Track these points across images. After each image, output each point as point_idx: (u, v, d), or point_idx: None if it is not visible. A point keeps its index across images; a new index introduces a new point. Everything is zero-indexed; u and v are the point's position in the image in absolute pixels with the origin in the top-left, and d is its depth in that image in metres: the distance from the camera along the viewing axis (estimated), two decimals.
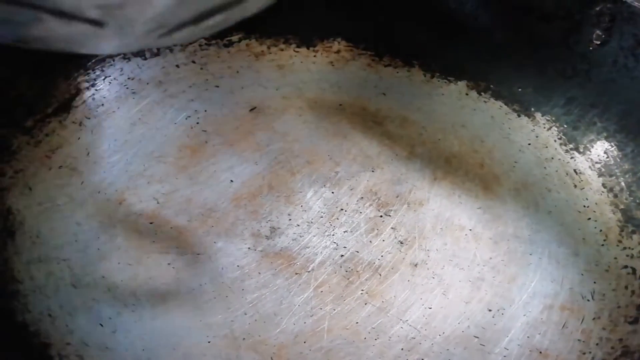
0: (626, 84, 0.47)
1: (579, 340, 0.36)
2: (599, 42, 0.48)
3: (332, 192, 0.44)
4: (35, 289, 0.36)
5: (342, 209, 0.44)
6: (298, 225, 0.43)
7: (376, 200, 0.44)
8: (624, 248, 0.41)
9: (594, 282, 0.39)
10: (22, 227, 0.38)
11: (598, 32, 0.47)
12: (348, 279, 0.40)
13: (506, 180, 0.48)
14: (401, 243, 0.42)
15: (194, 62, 0.55)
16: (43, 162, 0.43)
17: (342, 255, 0.41)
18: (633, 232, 0.42)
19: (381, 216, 0.44)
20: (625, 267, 0.40)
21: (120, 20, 0.28)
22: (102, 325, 0.35)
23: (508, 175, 0.48)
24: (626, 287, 0.39)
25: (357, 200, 0.44)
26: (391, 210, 0.44)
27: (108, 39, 0.30)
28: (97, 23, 0.27)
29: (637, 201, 0.43)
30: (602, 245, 0.42)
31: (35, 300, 0.35)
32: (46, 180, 0.42)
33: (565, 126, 0.50)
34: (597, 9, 0.48)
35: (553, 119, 0.51)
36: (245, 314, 0.37)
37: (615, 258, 0.41)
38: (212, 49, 0.54)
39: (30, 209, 0.40)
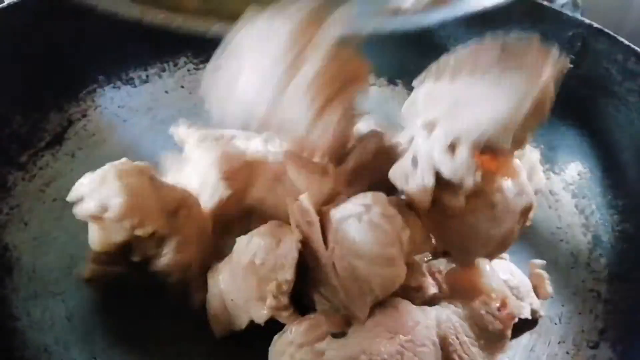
0: (600, 106, 0.48)
1: None
2: (572, 65, 0.49)
3: None
4: (32, 325, 0.37)
5: None
6: None
7: None
8: (592, 271, 0.43)
9: (562, 305, 0.41)
10: (19, 263, 0.40)
11: (571, 55, 0.49)
12: None
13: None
14: None
15: (182, 87, 0.57)
16: (38, 197, 0.44)
17: None
18: (601, 255, 0.43)
19: None
20: (592, 290, 0.42)
21: None
22: (95, 358, 0.37)
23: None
24: (591, 311, 0.40)
25: None
26: None
27: None
28: None
29: (606, 224, 0.45)
30: (572, 267, 0.44)
31: (33, 336, 0.37)
32: (41, 214, 0.44)
33: (543, 146, 0.52)
34: (571, 33, 0.49)
35: (532, 139, 0.53)
36: (226, 344, 0.39)
37: (583, 281, 0.42)
38: (200, 73, 0.56)
39: (26, 244, 0.41)
